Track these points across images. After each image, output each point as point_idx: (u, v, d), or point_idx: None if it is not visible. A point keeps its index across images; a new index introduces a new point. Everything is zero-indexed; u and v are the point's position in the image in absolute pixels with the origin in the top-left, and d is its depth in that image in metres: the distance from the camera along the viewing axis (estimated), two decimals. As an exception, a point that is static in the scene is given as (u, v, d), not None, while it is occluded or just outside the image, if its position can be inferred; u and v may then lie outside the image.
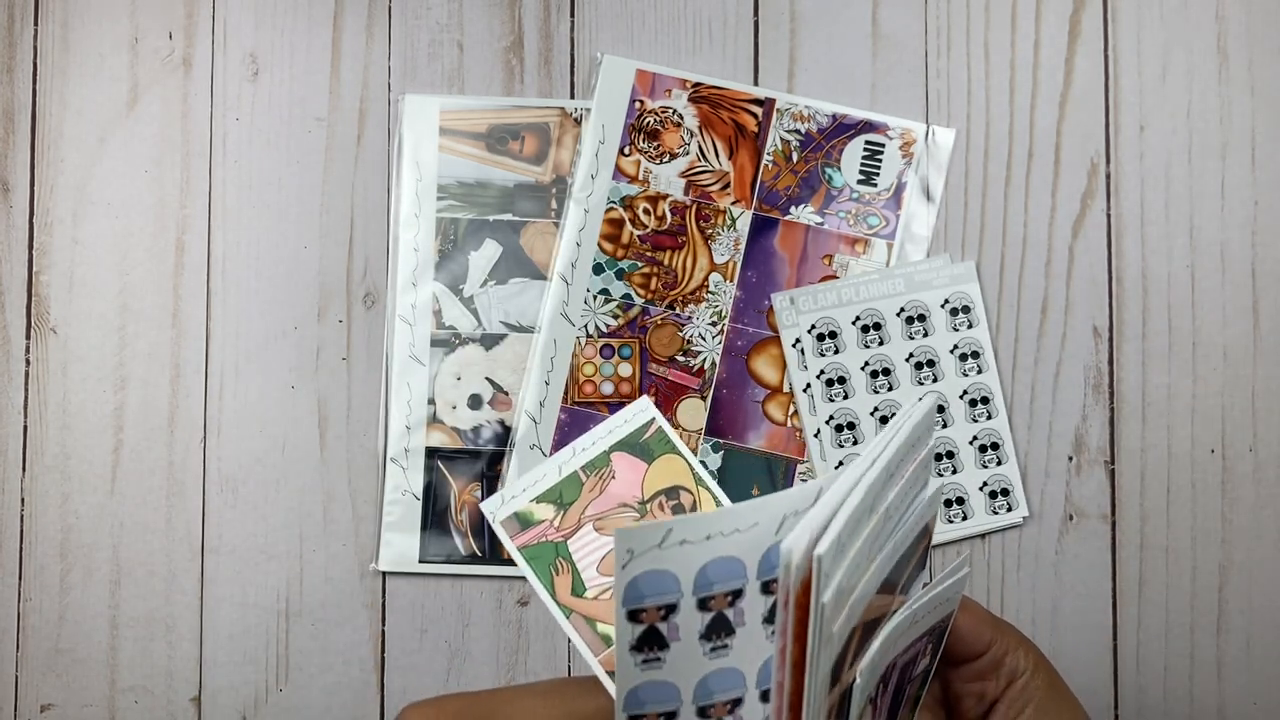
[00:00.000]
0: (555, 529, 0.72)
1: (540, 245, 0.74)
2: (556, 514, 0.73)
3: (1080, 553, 0.73)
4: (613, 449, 0.73)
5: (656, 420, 0.73)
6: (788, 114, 0.75)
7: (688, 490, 0.73)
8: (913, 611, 0.42)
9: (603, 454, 0.73)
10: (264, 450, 0.74)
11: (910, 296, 0.74)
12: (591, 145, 0.74)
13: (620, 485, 0.73)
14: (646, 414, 0.73)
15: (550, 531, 0.72)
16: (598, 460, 0.73)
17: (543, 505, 0.73)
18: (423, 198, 0.74)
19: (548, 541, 0.72)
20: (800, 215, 0.75)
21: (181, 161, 0.75)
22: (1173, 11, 0.75)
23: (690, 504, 0.74)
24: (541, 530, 0.72)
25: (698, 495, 0.73)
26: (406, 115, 0.74)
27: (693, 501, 0.74)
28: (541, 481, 0.73)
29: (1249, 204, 0.74)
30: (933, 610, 0.44)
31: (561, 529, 0.72)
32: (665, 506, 0.73)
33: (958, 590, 0.47)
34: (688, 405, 0.74)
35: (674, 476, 0.74)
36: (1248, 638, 0.73)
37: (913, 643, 0.44)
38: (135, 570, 0.73)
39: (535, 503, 0.73)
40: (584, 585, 0.71)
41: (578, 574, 0.72)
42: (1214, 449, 0.73)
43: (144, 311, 0.74)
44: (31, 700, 0.73)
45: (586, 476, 0.73)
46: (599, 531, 0.73)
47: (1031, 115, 0.75)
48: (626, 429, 0.73)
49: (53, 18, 0.75)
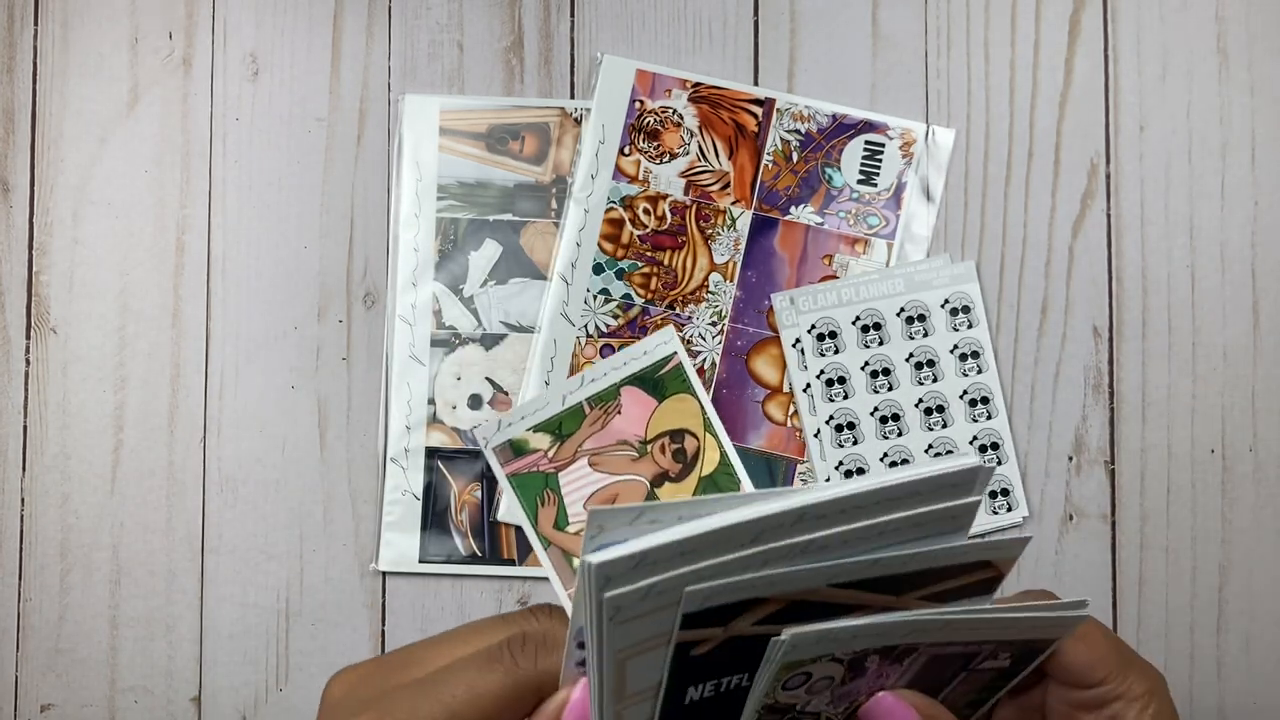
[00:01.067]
0: (549, 460, 0.71)
1: (540, 245, 0.74)
2: (553, 445, 0.72)
3: (1080, 553, 0.73)
4: (624, 382, 0.72)
5: (678, 355, 0.72)
6: (788, 114, 0.75)
7: (694, 435, 0.72)
8: (953, 620, 0.40)
9: (612, 386, 0.72)
10: (264, 450, 0.74)
11: (910, 296, 0.74)
12: (591, 145, 0.74)
13: (624, 421, 0.72)
14: (669, 346, 0.72)
15: (543, 461, 0.71)
16: (606, 393, 0.72)
17: (539, 435, 0.72)
18: (423, 198, 0.74)
19: (538, 472, 0.71)
20: (800, 215, 0.75)
21: (181, 161, 0.75)
22: (1173, 11, 0.75)
23: (694, 450, 0.72)
24: (534, 460, 0.71)
25: (703, 441, 0.72)
26: (406, 115, 0.74)
27: (697, 448, 0.72)
28: (542, 410, 0.72)
29: (1249, 204, 0.74)
30: (1000, 629, 0.42)
31: (555, 460, 0.71)
32: (667, 450, 0.72)
33: (1052, 624, 0.43)
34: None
35: (683, 418, 0.72)
36: (1247, 638, 0.73)
37: (964, 643, 0.42)
38: (135, 570, 0.73)
39: (532, 431, 0.71)
40: (568, 519, 0.71)
41: (563, 507, 0.71)
42: (1214, 449, 0.73)
43: (144, 311, 0.74)
44: (31, 700, 0.73)
45: (591, 409, 0.72)
46: (593, 467, 0.72)
47: (1031, 115, 0.75)
48: (645, 360, 0.72)
49: (52, 17, 0.75)
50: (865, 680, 0.43)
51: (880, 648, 0.41)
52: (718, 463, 0.73)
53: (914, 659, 0.42)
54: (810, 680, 0.40)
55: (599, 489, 0.71)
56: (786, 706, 0.42)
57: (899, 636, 0.40)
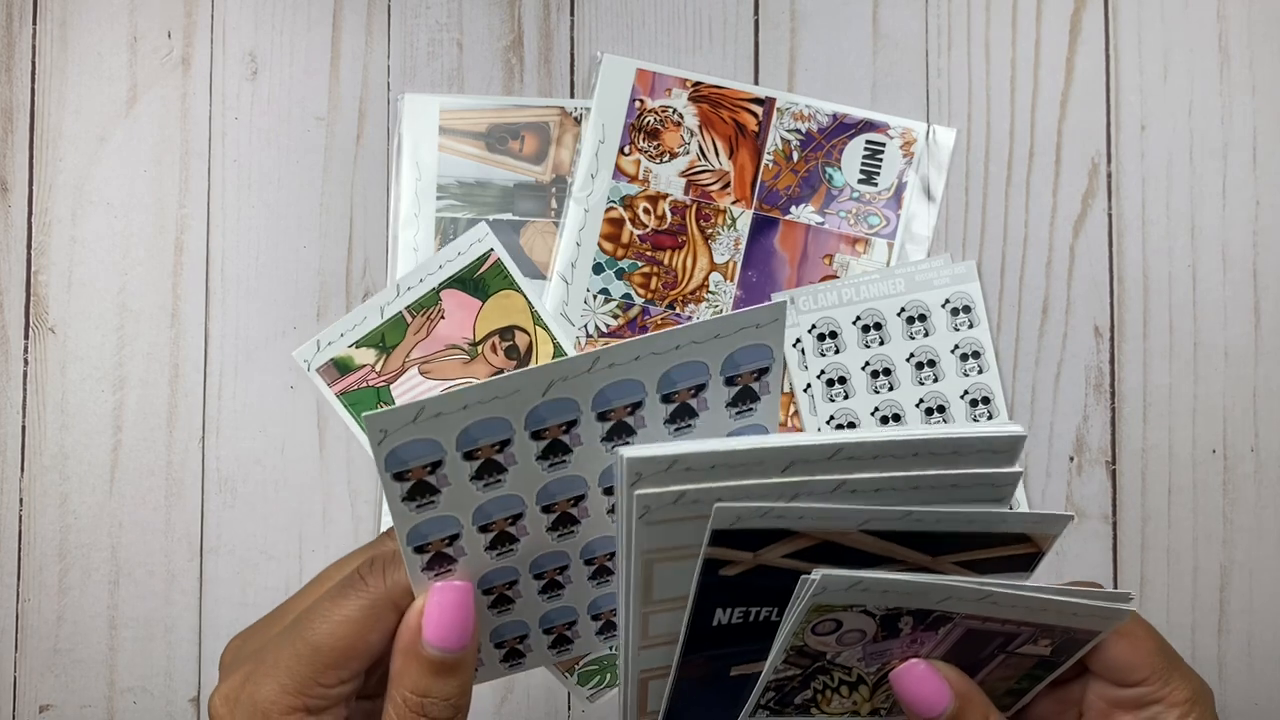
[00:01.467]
0: (376, 374, 0.69)
1: (540, 245, 0.74)
2: (379, 358, 0.70)
3: (1081, 553, 0.73)
4: (442, 286, 0.70)
5: (495, 251, 0.69)
6: (788, 113, 0.75)
7: (524, 330, 0.70)
8: (990, 593, 0.40)
9: (431, 292, 0.70)
10: (264, 450, 0.74)
11: (910, 296, 0.73)
12: (591, 144, 0.74)
13: (450, 326, 0.70)
14: (484, 245, 0.70)
15: (371, 377, 0.69)
16: (425, 299, 0.70)
17: (363, 350, 0.70)
18: (422, 197, 0.74)
19: (369, 387, 0.70)
20: (801, 215, 0.74)
21: (180, 161, 0.75)
22: (1174, 11, 0.75)
23: (526, 345, 0.71)
24: (362, 375, 0.69)
25: (535, 336, 0.71)
26: (406, 115, 0.74)
27: (529, 343, 0.71)
28: (361, 325, 0.70)
29: (1250, 203, 0.74)
30: (1038, 610, 0.41)
31: (383, 374, 0.69)
32: (499, 348, 0.70)
33: (1093, 613, 0.42)
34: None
35: (510, 315, 0.70)
36: (1249, 638, 0.73)
37: (1002, 620, 0.42)
38: (134, 570, 0.73)
39: (355, 348, 0.69)
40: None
41: None
42: (1215, 449, 0.73)
43: (143, 311, 0.74)
44: (30, 700, 0.73)
45: (412, 317, 0.70)
46: (424, 375, 0.69)
47: (1032, 115, 0.75)
48: (460, 262, 0.69)
49: (51, 17, 0.75)
50: (899, 643, 0.43)
51: (914, 610, 0.41)
52: (551, 355, 0.72)
53: (950, 629, 0.42)
54: (841, 629, 0.41)
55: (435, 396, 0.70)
56: (817, 653, 0.42)
57: (933, 600, 0.40)
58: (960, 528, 0.40)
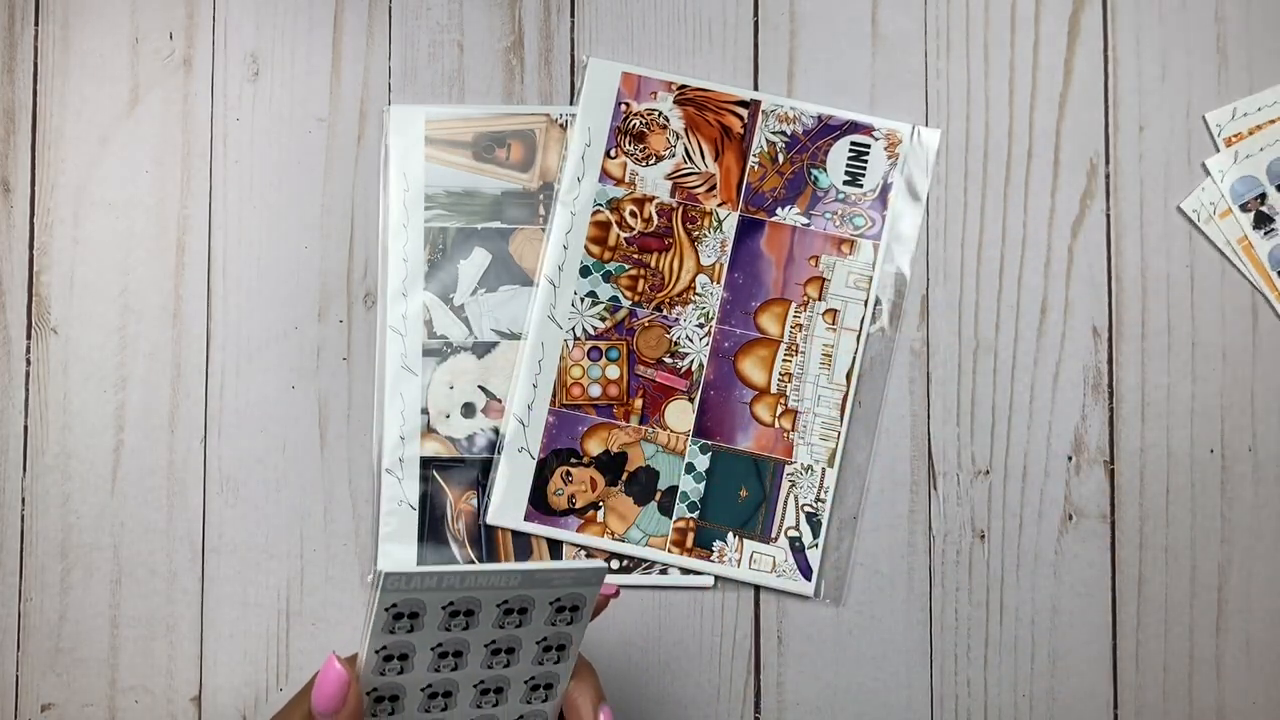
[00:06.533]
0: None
1: (529, 252, 0.74)
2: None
3: (1080, 553, 0.73)
4: None
5: None
6: (773, 115, 0.75)
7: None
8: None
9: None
10: (264, 450, 0.74)
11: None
12: (577, 148, 0.74)
13: None
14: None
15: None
16: None
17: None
18: (410, 208, 0.74)
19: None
20: (786, 217, 0.74)
21: (182, 162, 0.75)
22: (1172, 11, 0.75)
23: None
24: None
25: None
26: (392, 126, 0.74)
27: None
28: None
29: (1249, 204, 0.74)
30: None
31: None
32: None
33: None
34: (676, 407, 0.73)
35: None
36: (1247, 637, 0.73)
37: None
38: (136, 570, 0.73)
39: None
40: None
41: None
42: (1213, 449, 0.73)
43: (145, 311, 0.74)
44: (32, 700, 0.73)
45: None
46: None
47: (1031, 115, 0.75)
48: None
49: (53, 18, 0.75)
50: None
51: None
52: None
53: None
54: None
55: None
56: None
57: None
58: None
